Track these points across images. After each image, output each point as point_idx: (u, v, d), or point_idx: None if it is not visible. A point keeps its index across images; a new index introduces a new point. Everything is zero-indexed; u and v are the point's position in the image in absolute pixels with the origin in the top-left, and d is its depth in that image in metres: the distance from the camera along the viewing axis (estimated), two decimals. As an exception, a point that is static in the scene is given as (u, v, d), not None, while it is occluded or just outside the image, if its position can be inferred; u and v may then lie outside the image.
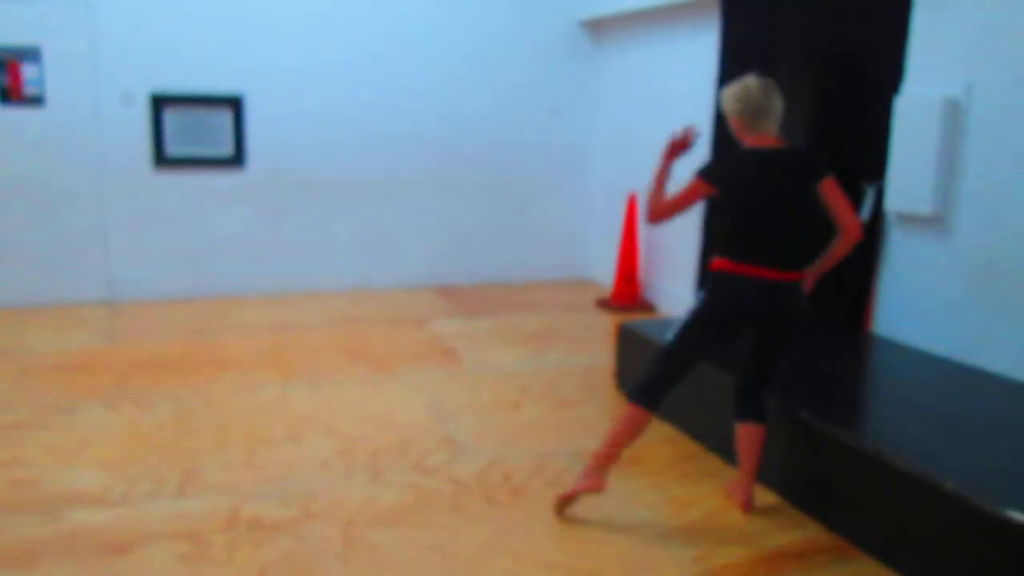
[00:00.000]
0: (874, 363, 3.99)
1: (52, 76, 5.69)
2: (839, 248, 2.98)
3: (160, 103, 5.89)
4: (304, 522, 2.94)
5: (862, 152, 4.18)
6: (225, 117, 6.05)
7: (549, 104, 6.84)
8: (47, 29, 5.65)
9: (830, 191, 2.91)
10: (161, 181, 5.99)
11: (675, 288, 5.91)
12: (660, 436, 3.77)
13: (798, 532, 2.97)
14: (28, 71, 5.66)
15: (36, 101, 5.70)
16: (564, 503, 3.02)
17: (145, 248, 6.05)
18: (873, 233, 4.14)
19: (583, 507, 3.06)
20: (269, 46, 6.10)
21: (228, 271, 6.25)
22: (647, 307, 6.16)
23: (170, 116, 5.93)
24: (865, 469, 2.81)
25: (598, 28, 6.82)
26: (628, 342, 4.31)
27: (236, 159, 6.12)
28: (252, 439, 3.67)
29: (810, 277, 3.03)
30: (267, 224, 6.29)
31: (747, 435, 3.09)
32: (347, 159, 6.42)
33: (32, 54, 5.64)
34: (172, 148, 5.96)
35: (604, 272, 6.77)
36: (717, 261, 3.01)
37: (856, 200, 4.23)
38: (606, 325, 5.69)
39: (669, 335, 3.04)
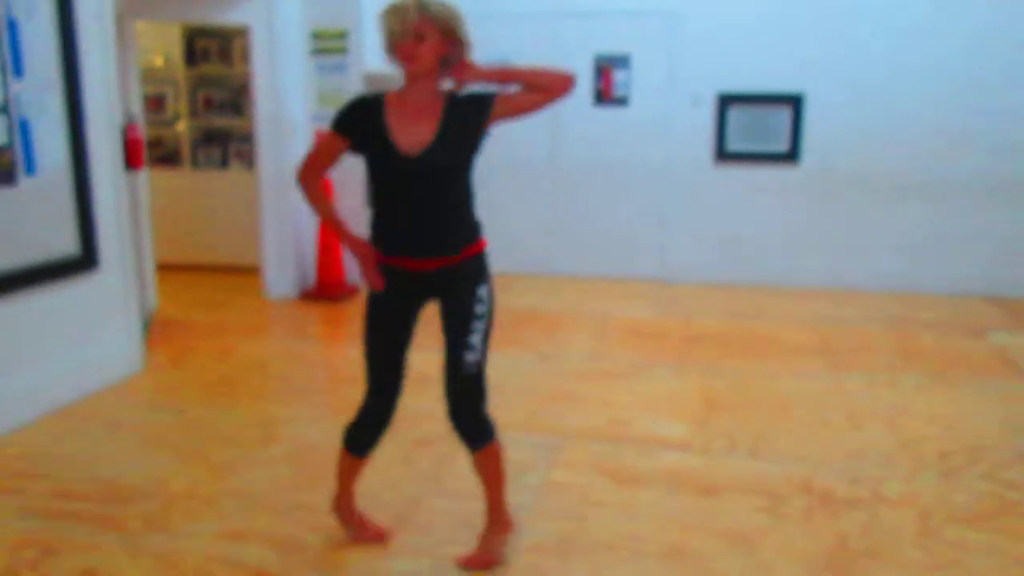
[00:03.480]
0: None
1: (637, 80, 6.51)
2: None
3: (726, 102, 6.36)
4: (877, 504, 3.03)
5: None
6: (784, 115, 6.31)
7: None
8: (637, 40, 6.47)
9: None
10: (719, 174, 6.49)
11: None
12: None
13: None
14: (618, 76, 6.54)
15: (622, 102, 6.57)
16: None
17: (698, 234, 6.62)
18: None
19: None
20: (831, 47, 6.19)
21: (771, 262, 6.53)
22: None
23: (733, 114, 6.37)
24: None
25: None
26: None
27: (791, 155, 6.34)
28: (813, 420, 3.85)
29: None
30: (814, 219, 6.42)
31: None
32: (900, 158, 6.24)
33: (623, 61, 6.51)
34: (733, 144, 6.41)
35: None
36: (482, 239, 2.51)
37: None
38: None
39: (477, 355, 2.44)
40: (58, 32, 3.82)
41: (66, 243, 3.97)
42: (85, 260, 4.09)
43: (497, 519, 2.65)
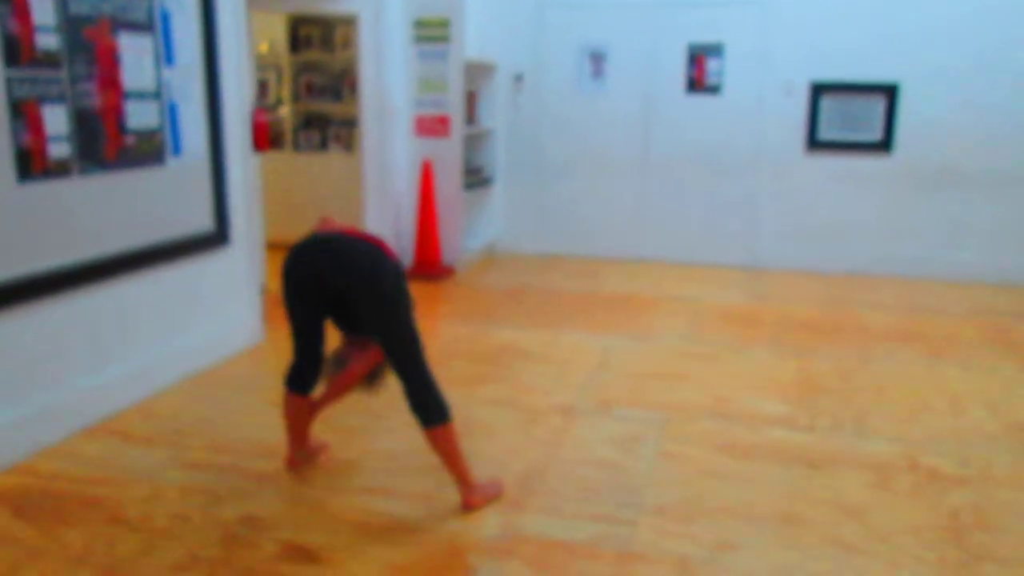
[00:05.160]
0: None
1: (730, 68, 6.60)
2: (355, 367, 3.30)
3: (818, 91, 6.41)
4: (985, 483, 3.14)
5: None
6: (878, 105, 6.33)
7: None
8: (730, 29, 6.55)
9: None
10: (810, 163, 6.55)
11: None
12: None
13: None
14: (711, 64, 6.63)
15: (714, 90, 6.66)
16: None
17: (787, 222, 6.69)
18: None
19: None
20: (927, 37, 6.19)
21: (862, 250, 6.58)
22: None
23: (826, 103, 6.42)
24: None
25: None
26: None
27: (884, 145, 6.37)
28: (912, 403, 3.95)
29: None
30: (906, 209, 6.45)
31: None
32: (993, 148, 6.22)
33: (716, 50, 6.60)
34: (824, 132, 6.46)
35: None
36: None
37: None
38: None
39: (407, 348, 3.01)
40: (201, 23, 4.10)
41: (203, 220, 4.27)
42: (219, 236, 4.39)
43: (464, 486, 2.91)
